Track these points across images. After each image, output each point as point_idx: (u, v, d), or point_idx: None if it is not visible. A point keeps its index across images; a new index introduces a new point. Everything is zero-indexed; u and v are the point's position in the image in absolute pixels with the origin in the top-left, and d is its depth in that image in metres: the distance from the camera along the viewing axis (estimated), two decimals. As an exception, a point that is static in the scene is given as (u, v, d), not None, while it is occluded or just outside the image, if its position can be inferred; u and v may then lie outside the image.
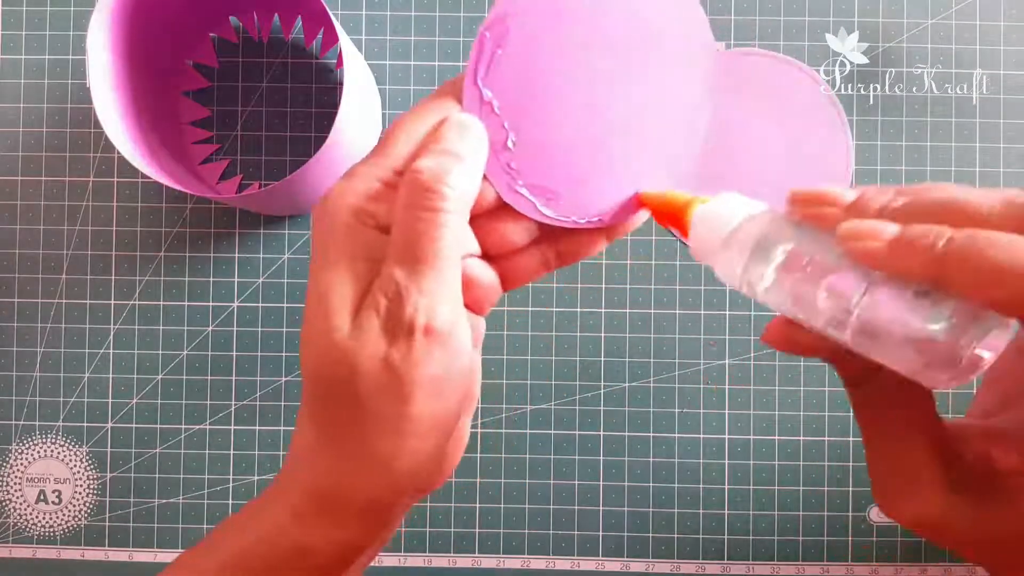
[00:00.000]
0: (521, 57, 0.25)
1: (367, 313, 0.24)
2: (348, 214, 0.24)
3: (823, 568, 0.51)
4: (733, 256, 0.24)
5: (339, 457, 0.24)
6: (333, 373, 0.24)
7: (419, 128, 0.25)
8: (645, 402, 0.52)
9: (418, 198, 0.24)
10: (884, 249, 0.21)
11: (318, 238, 0.25)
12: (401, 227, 0.24)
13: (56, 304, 0.53)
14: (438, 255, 0.24)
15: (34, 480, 0.53)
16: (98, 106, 0.44)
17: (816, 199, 0.23)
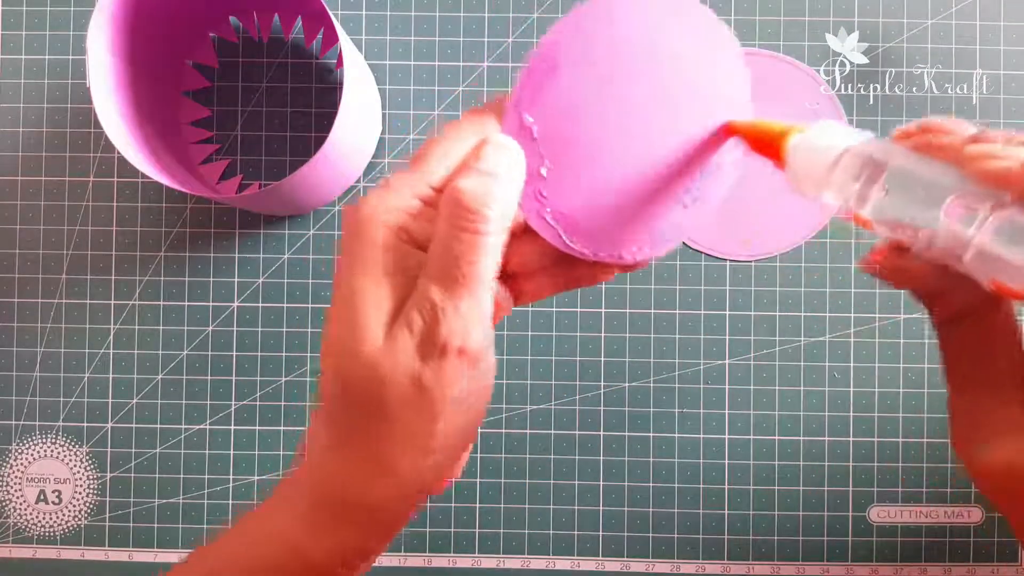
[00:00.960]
0: (565, 88, 0.26)
1: (401, 329, 0.24)
2: (384, 228, 0.24)
3: (823, 568, 0.51)
4: (841, 181, 0.24)
5: (357, 466, 0.24)
6: (361, 385, 0.24)
7: (457, 145, 0.25)
8: (645, 402, 0.52)
9: (460, 219, 0.24)
10: (1015, 169, 0.20)
11: (351, 247, 0.24)
12: (441, 246, 0.24)
13: (56, 304, 0.53)
14: (476, 278, 0.24)
15: (34, 480, 0.53)
16: (98, 106, 0.44)
17: (935, 127, 0.23)
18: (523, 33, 0.53)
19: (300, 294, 0.52)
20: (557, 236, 0.27)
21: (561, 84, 0.25)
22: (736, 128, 0.27)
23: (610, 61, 0.26)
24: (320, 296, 0.52)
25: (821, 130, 0.25)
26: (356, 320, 0.24)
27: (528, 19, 0.53)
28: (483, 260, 0.24)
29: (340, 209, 0.53)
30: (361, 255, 0.24)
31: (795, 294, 0.52)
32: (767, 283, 0.52)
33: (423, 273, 0.24)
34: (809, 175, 0.25)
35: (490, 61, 0.53)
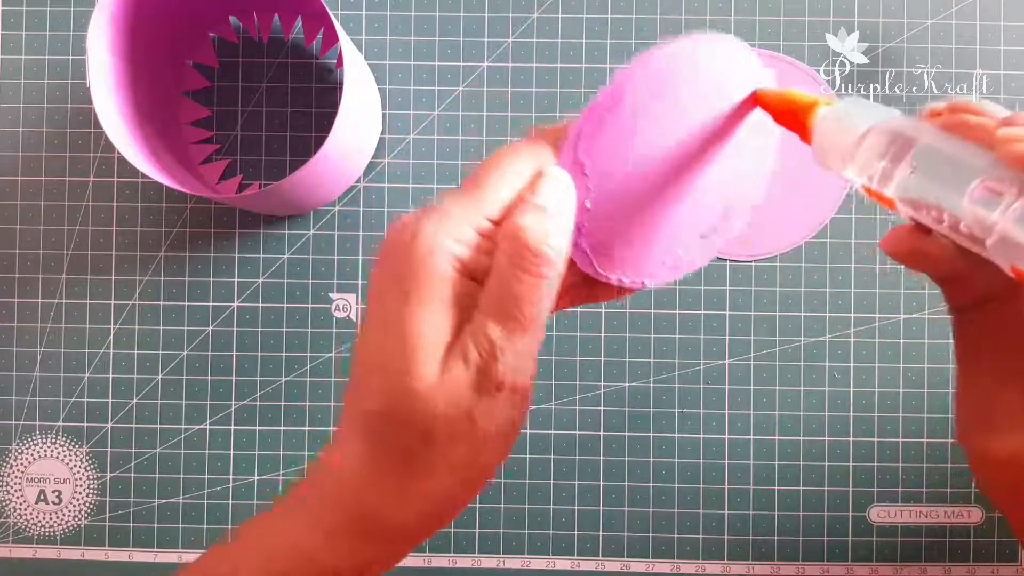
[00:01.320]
0: (624, 133, 0.26)
1: (457, 363, 0.24)
2: (444, 260, 0.24)
3: (823, 568, 0.51)
4: (867, 157, 0.23)
5: (392, 490, 0.25)
6: (411, 414, 0.24)
7: (513, 174, 0.25)
8: (645, 402, 0.52)
9: (522, 259, 0.23)
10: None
11: (407, 274, 0.24)
12: (501, 285, 0.24)
13: (56, 304, 0.53)
14: (536, 318, 0.24)
15: (34, 480, 0.53)
16: (98, 106, 0.44)
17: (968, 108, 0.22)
18: (523, 33, 0.53)
19: (300, 294, 0.52)
20: (590, 264, 0.27)
21: (622, 128, 0.26)
22: (764, 97, 0.27)
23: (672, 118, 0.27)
24: (320, 296, 0.52)
25: (849, 104, 0.25)
26: (411, 351, 0.24)
27: (528, 19, 0.53)
28: (543, 300, 0.24)
29: (339, 210, 0.53)
30: (420, 285, 0.24)
31: (795, 294, 0.52)
32: (767, 283, 0.52)
33: (480, 308, 0.24)
34: (835, 149, 0.24)
35: (490, 61, 0.53)
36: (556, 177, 0.25)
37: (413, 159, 0.53)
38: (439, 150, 0.53)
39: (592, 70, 0.52)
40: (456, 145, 0.52)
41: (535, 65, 0.53)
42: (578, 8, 0.53)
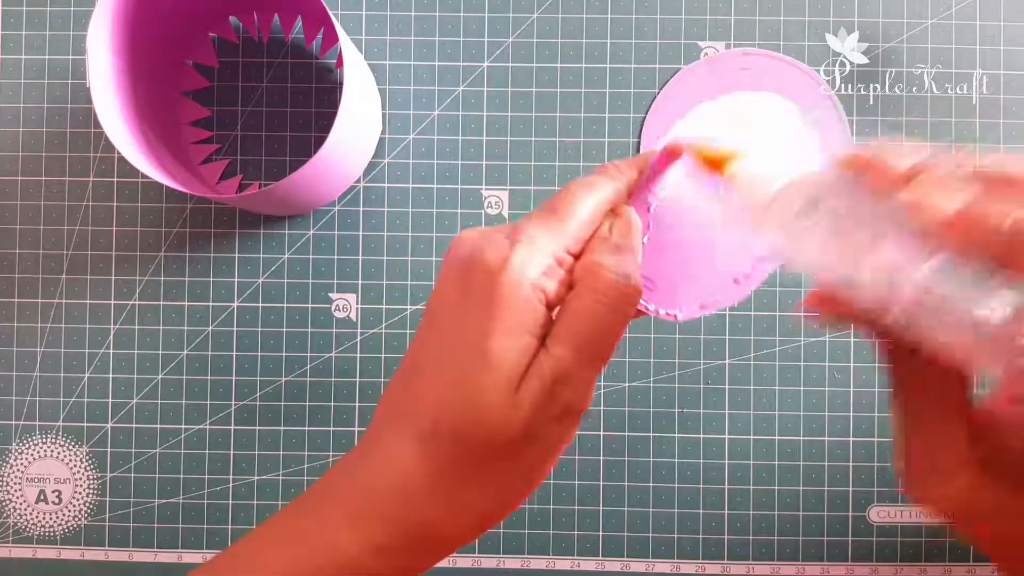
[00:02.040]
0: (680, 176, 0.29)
1: (532, 387, 0.25)
2: (528, 287, 0.25)
3: (823, 568, 0.51)
4: (777, 217, 0.23)
5: (451, 507, 0.25)
6: (483, 434, 0.25)
7: (593, 206, 0.27)
8: (645, 402, 0.52)
9: (604, 295, 0.25)
10: (949, 221, 0.19)
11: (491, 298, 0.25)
12: (582, 318, 0.25)
13: (56, 304, 0.53)
14: (608, 349, 0.25)
15: (34, 480, 0.53)
16: (98, 106, 0.44)
17: (874, 162, 0.22)
18: (523, 33, 0.53)
19: (300, 294, 0.52)
20: None
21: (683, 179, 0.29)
22: (688, 148, 0.29)
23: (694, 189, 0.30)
24: (320, 296, 0.52)
25: (764, 159, 0.25)
26: (492, 372, 0.24)
27: (528, 19, 0.53)
28: (615, 332, 0.25)
29: (339, 210, 0.53)
30: (509, 315, 0.25)
31: (795, 294, 0.52)
32: (767, 283, 0.52)
33: (556, 336, 0.25)
34: (749, 206, 0.25)
35: (490, 61, 0.53)
36: (634, 221, 0.27)
37: (413, 159, 0.53)
38: (439, 150, 0.53)
39: (592, 70, 0.52)
40: (456, 145, 0.52)
41: (535, 65, 0.53)
42: (578, 8, 0.53)
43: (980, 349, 0.19)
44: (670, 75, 0.28)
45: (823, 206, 0.22)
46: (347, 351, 0.52)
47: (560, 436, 0.26)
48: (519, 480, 0.26)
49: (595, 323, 0.25)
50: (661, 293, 0.30)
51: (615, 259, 0.25)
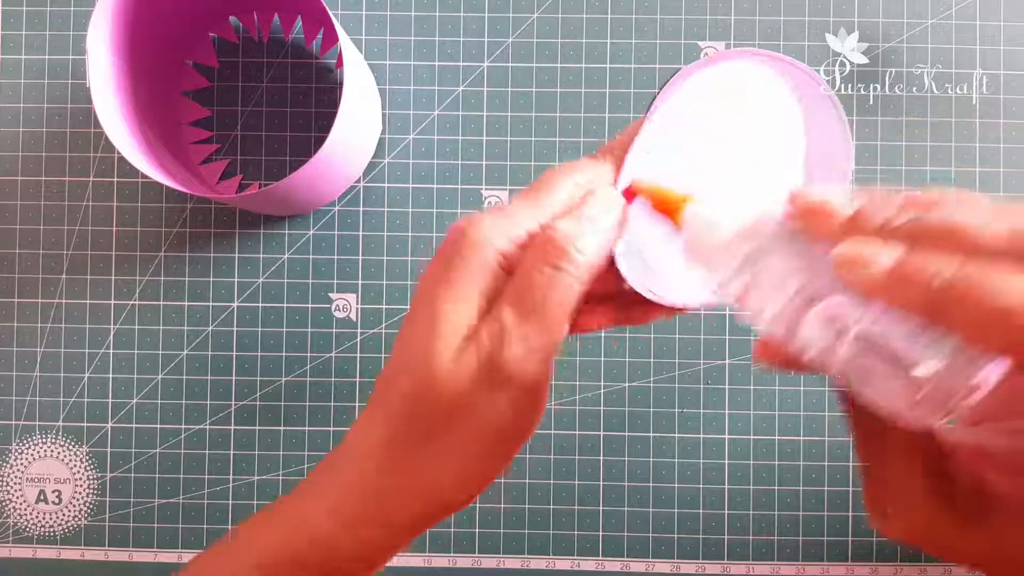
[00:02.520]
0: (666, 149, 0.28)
1: (470, 348, 0.24)
2: (490, 251, 0.25)
3: (823, 568, 0.51)
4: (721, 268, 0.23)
5: (401, 475, 0.25)
6: (421, 396, 0.25)
7: (572, 185, 0.27)
8: (645, 402, 0.52)
9: (547, 253, 0.25)
10: (880, 279, 0.20)
11: (454, 260, 0.25)
12: (522, 276, 0.25)
13: (56, 304, 0.53)
14: (549, 312, 0.24)
15: (34, 480, 0.53)
16: (98, 106, 0.44)
17: (813, 211, 0.22)
18: (523, 33, 0.53)
19: (300, 294, 0.52)
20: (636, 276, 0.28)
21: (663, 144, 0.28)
22: (638, 189, 0.28)
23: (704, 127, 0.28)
24: (320, 296, 0.52)
25: (716, 202, 0.25)
26: (436, 331, 0.25)
27: (528, 19, 0.53)
28: (560, 296, 0.25)
29: (339, 210, 0.53)
30: (462, 272, 0.25)
31: (795, 294, 0.52)
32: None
33: (502, 299, 0.25)
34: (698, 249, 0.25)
35: (490, 61, 0.53)
36: (605, 195, 0.27)
37: (413, 159, 0.53)
38: (439, 150, 0.53)
39: (592, 70, 0.52)
40: (456, 145, 0.52)
41: (535, 65, 0.53)
42: (578, 8, 0.53)
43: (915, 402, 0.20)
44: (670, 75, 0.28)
45: (765, 258, 0.22)
46: (347, 351, 0.52)
47: (505, 408, 0.24)
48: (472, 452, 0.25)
49: (532, 283, 0.24)
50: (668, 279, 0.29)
51: (571, 224, 0.25)
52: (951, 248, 0.19)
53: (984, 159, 0.52)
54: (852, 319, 0.20)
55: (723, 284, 0.23)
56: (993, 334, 0.18)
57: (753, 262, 0.23)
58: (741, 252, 0.23)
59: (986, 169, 0.52)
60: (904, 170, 0.52)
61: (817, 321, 0.21)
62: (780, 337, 0.22)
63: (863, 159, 0.52)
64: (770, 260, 0.22)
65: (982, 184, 0.52)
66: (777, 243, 0.22)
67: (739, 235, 0.23)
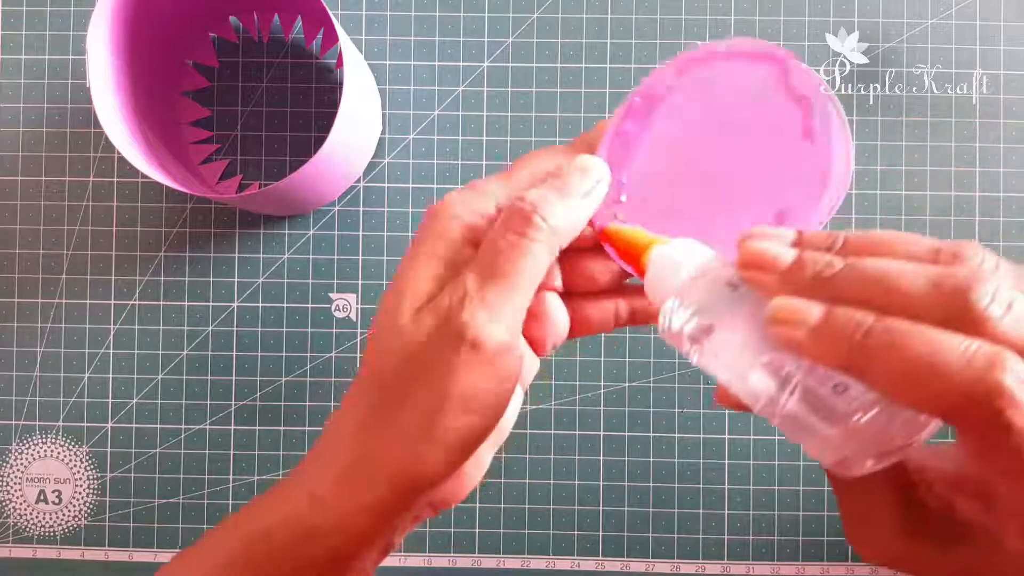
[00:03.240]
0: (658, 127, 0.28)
1: (428, 310, 0.25)
2: (454, 223, 0.26)
3: (823, 568, 0.51)
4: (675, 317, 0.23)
5: (368, 445, 0.25)
6: (383, 363, 0.25)
7: (546, 164, 0.27)
8: (645, 402, 0.52)
9: (511, 221, 0.25)
10: (806, 337, 0.20)
11: (420, 233, 0.26)
12: (488, 241, 0.25)
13: (56, 304, 0.53)
14: (511, 276, 0.24)
15: (34, 480, 0.53)
16: (98, 106, 0.44)
17: (755, 262, 0.22)
18: (523, 33, 0.53)
19: (300, 294, 0.52)
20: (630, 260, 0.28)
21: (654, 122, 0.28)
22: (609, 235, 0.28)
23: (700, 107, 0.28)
24: (320, 296, 0.52)
25: (675, 249, 0.25)
26: (396, 300, 0.25)
27: (528, 19, 0.53)
28: (523, 262, 0.24)
29: (339, 210, 0.53)
30: (426, 241, 0.26)
31: (795, 294, 0.52)
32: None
33: (468, 264, 0.25)
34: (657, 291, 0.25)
35: (490, 61, 0.53)
36: (578, 163, 0.27)
37: (413, 159, 0.53)
38: (439, 150, 0.53)
39: (592, 70, 0.52)
40: (456, 145, 0.52)
41: (535, 65, 0.53)
42: (578, 8, 0.53)
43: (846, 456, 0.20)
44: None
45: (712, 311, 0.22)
46: (347, 351, 0.52)
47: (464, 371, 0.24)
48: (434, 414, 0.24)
49: (496, 248, 0.25)
50: None
51: (537, 192, 0.25)
52: (879, 299, 0.20)
53: (984, 159, 0.52)
54: (791, 372, 0.21)
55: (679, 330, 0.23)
56: (911, 388, 0.19)
57: (707, 310, 0.23)
58: (695, 299, 0.23)
59: (986, 169, 0.52)
60: (904, 170, 0.52)
61: (762, 372, 0.21)
62: (731, 386, 0.22)
63: (863, 159, 0.52)
64: (721, 309, 0.22)
65: (982, 184, 0.52)
66: (722, 299, 0.23)
67: (693, 282, 0.23)
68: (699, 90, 0.28)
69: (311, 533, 0.25)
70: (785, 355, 0.21)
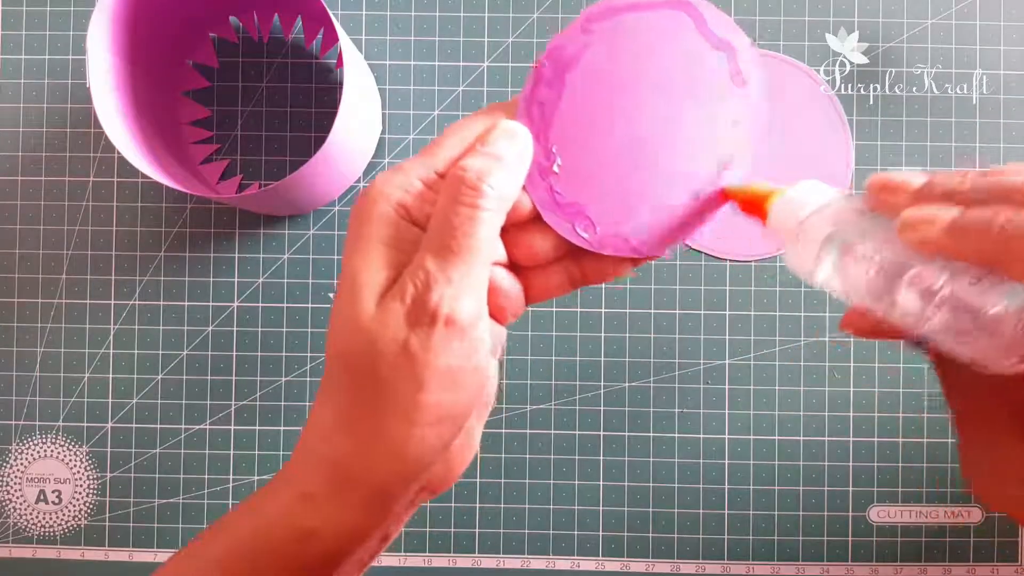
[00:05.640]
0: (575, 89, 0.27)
1: (393, 297, 0.24)
2: (386, 204, 0.25)
3: (823, 568, 0.51)
4: (804, 247, 0.24)
5: (354, 438, 0.25)
6: (355, 354, 0.25)
7: (467, 135, 0.27)
8: (645, 402, 0.52)
9: (459, 193, 0.25)
10: (940, 236, 0.20)
11: (354, 223, 0.26)
12: (439, 219, 0.25)
13: (56, 304, 0.53)
14: (470, 249, 0.24)
15: (34, 480, 0.53)
16: (98, 106, 0.44)
17: (885, 187, 0.23)
18: (523, 33, 0.53)
19: (300, 294, 0.52)
20: (570, 229, 0.28)
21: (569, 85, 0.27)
22: (729, 193, 0.28)
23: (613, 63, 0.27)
24: (320, 296, 0.52)
25: (799, 190, 0.25)
26: (355, 290, 0.25)
27: (528, 19, 0.53)
28: (478, 233, 0.24)
29: (339, 210, 0.53)
30: (362, 229, 0.25)
31: (795, 294, 0.52)
32: (767, 283, 0.52)
33: (421, 246, 0.25)
34: (783, 236, 0.25)
35: (490, 61, 0.53)
36: (504, 128, 0.26)
37: (413, 159, 0.53)
38: (439, 150, 0.53)
39: (592, 70, 0.52)
40: (456, 145, 0.52)
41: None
42: (578, 8, 0.53)
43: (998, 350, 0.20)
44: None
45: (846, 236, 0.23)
46: (347, 351, 0.52)
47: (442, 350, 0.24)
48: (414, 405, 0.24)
49: (451, 220, 0.24)
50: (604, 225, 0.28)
51: (477, 161, 0.25)
52: (1014, 201, 0.20)
53: (984, 159, 0.52)
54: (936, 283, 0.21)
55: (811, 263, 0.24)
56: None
57: (833, 243, 0.23)
58: (826, 231, 0.23)
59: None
60: (904, 170, 0.52)
61: (905, 289, 0.21)
62: (871, 307, 0.23)
63: (863, 159, 0.52)
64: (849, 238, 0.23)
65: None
66: (856, 221, 0.23)
67: (823, 215, 0.24)
68: (609, 46, 0.27)
69: (305, 534, 0.25)
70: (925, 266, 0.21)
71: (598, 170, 0.28)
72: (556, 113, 0.27)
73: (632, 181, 0.28)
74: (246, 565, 0.26)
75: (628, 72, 0.27)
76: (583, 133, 0.27)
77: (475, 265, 0.24)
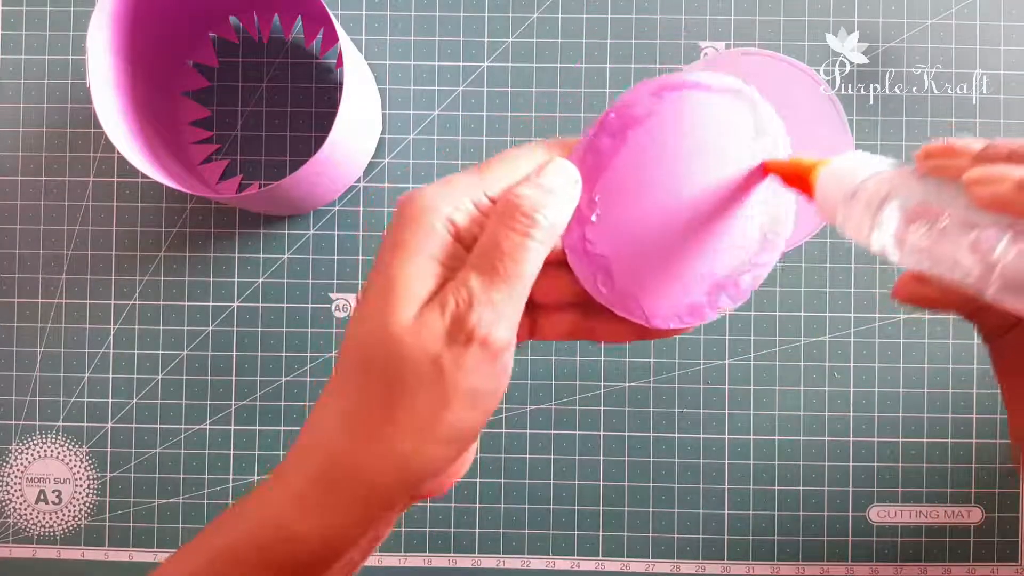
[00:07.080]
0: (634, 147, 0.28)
1: (433, 310, 0.24)
2: (437, 217, 0.25)
3: (823, 568, 0.51)
4: (859, 212, 0.24)
5: (358, 439, 0.25)
6: (380, 359, 0.24)
7: (521, 163, 0.27)
8: (645, 402, 0.52)
9: (512, 220, 0.25)
10: (1012, 191, 0.20)
11: (401, 228, 0.25)
12: (490, 241, 0.25)
13: (56, 304, 0.53)
14: (516, 276, 0.25)
15: (34, 480, 0.53)
16: (98, 106, 0.44)
17: (943, 151, 0.23)
18: (523, 33, 0.53)
19: (300, 294, 0.52)
20: (593, 281, 0.28)
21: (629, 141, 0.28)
22: (771, 167, 0.28)
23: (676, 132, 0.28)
24: (320, 296, 0.52)
25: (848, 159, 0.25)
26: (392, 296, 0.25)
27: (528, 19, 0.53)
28: (527, 261, 0.25)
29: (338, 210, 0.53)
30: (411, 238, 0.25)
31: (795, 294, 0.52)
32: (767, 283, 0.52)
33: (466, 264, 0.25)
34: (832, 206, 0.25)
35: (490, 61, 0.53)
36: (561, 165, 0.27)
37: (413, 159, 0.53)
38: (439, 150, 0.53)
39: (592, 70, 0.52)
40: (456, 145, 0.52)
41: (535, 65, 0.53)
42: (578, 8, 0.53)
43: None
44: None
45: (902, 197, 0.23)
46: (347, 351, 0.52)
47: (472, 370, 0.24)
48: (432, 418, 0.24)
49: (502, 243, 0.25)
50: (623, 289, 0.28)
51: (532, 190, 0.25)
52: None
53: (984, 159, 0.52)
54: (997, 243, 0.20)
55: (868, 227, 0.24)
56: None
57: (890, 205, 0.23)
58: (883, 193, 0.23)
59: (986, 169, 0.52)
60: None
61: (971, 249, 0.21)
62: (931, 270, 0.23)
63: (863, 159, 0.52)
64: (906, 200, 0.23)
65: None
66: (911, 185, 0.23)
67: (880, 178, 0.24)
68: (676, 117, 0.28)
69: (297, 536, 0.25)
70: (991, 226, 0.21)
71: (632, 230, 0.28)
72: (610, 165, 0.28)
73: (660, 251, 0.28)
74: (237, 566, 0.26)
75: (686, 146, 0.28)
76: (629, 190, 0.28)
77: (517, 291, 0.25)
